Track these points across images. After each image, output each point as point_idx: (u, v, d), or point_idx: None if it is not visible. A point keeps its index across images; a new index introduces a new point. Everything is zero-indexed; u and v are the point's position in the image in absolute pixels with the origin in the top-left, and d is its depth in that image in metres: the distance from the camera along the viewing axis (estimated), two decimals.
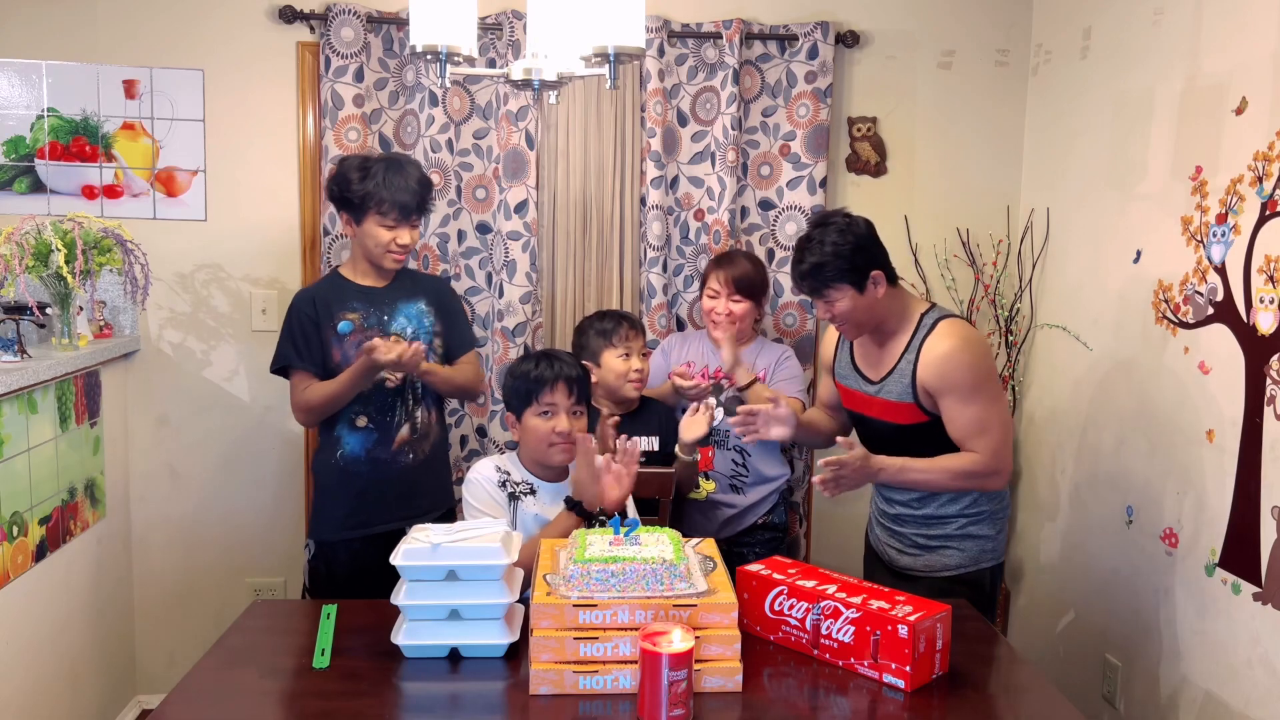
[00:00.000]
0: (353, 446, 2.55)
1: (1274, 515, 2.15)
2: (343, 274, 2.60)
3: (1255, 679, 2.20)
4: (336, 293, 2.55)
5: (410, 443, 2.59)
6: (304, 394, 2.51)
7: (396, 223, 2.49)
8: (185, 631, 3.14)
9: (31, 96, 3.01)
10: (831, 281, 2.19)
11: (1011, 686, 1.91)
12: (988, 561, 2.31)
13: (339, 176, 2.51)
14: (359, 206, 2.47)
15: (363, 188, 2.45)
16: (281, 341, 2.55)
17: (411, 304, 2.59)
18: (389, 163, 2.50)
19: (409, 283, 2.63)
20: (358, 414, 2.53)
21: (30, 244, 2.55)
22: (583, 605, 1.72)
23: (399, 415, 2.57)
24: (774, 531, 2.86)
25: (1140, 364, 2.63)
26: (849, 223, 2.22)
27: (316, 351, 2.52)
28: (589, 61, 2.04)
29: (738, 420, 2.36)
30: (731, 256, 2.85)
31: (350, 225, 2.53)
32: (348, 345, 2.51)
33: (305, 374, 2.52)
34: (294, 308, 2.55)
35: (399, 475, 2.57)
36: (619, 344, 2.64)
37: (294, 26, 3.03)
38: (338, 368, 2.51)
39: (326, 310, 2.52)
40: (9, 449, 2.42)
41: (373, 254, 2.53)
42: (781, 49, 3.14)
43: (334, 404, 2.50)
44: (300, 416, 2.59)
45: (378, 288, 2.58)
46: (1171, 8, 2.53)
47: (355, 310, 2.54)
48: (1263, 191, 2.18)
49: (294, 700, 1.74)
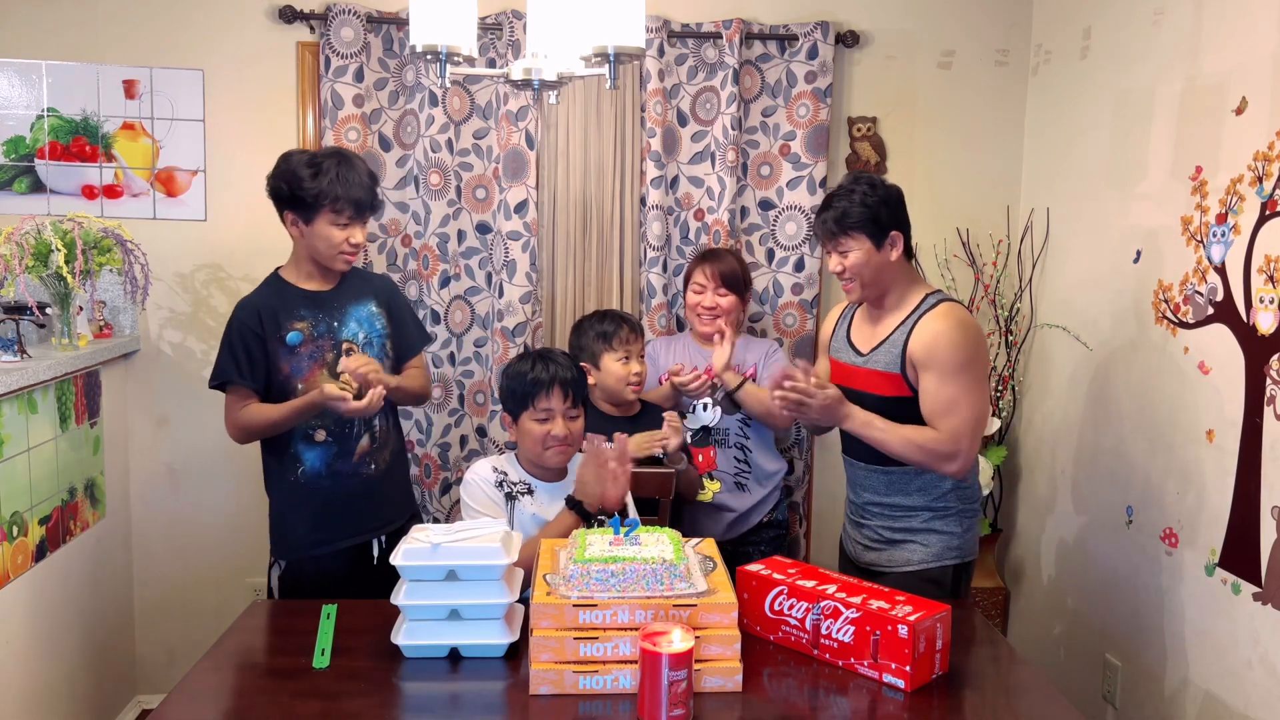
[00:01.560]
0: (312, 462, 2.41)
1: (1274, 515, 2.15)
2: (285, 278, 2.44)
3: (1255, 679, 2.20)
4: (281, 300, 2.39)
5: (370, 453, 2.46)
6: (241, 413, 2.36)
7: (350, 221, 2.36)
8: (185, 631, 3.14)
9: (31, 96, 3.01)
10: (851, 229, 2.23)
11: (1011, 686, 1.91)
12: (951, 559, 2.28)
13: (287, 174, 2.34)
14: (311, 205, 2.33)
15: (316, 185, 2.31)
16: (221, 355, 2.38)
17: (361, 306, 2.46)
18: (340, 158, 2.37)
19: (356, 283, 2.50)
20: (314, 428, 2.40)
21: (30, 244, 2.55)
22: (583, 605, 1.72)
23: (358, 426, 2.44)
24: (778, 529, 2.87)
25: (1140, 364, 2.63)
26: (882, 182, 2.28)
27: (260, 366, 2.36)
28: (589, 61, 2.04)
29: (780, 396, 2.21)
30: (716, 252, 2.88)
31: (297, 225, 2.37)
32: (299, 356, 2.37)
33: (244, 390, 2.35)
34: (236, 319, 2.38)
35: (362, 487, 2.45)
36: (618, 347, 2.63)
37: (294, 26, 3.04)
38: (286, 380, 2.36)
39: (273, 321, 2.36)
40: (9, 449, 2.43)
41: (323, 255, 2.39)
42: (781, 49, 3.14)
43: (273, 430, 2.37)
44: (234, 434, 2.41)
45: (324, 291, 2.43)
46: (1171, 8, 2.53)
47: (303, 319, 2.39)
48: (1263, 191, 2.18)
49: (294, 700, 1.74)
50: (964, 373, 2.18)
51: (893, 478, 2.29)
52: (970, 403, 2.18)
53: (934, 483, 2.27)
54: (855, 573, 2.26)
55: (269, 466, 2.48)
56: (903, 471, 2.27)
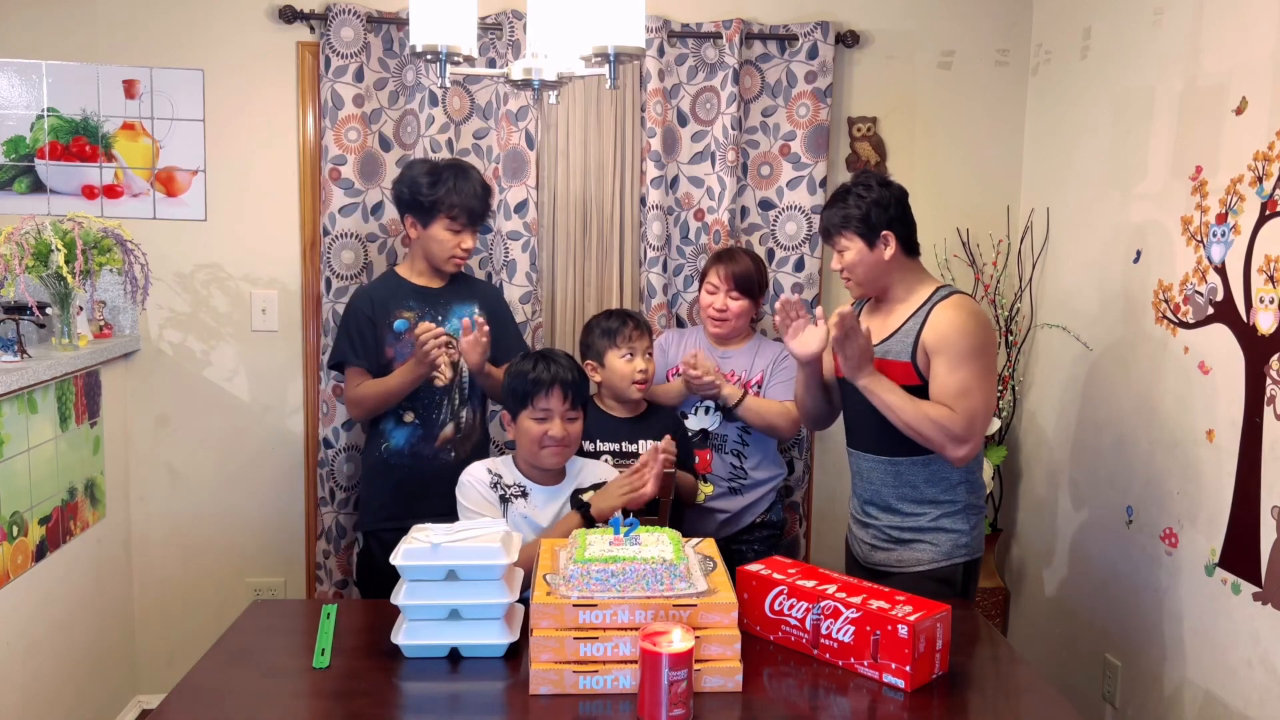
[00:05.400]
0: (397, 440, 2.64)
1: (1274, 515, 2.15)
2: (399, 273, 2.70)
3: (1255, 679, 2.20)
4: (393, 291, 2.65)
5: (453, 441, 2.66)
6: (357, 390, 2.61)
7: (463, 228, 2.59)
8: (185, 631, 3.14)
9: (31, 96, 3.01)
10: (842, 229, 2.28)
11: (1011, 686, 1.91)
12: (961, 557, 2.29)
13: (409, 180, 2.59)
14: (429, 210, 2.57)
15: (434, 193, 2.55)
16: (338, 338, 2.68)
17: (465, 306, 2.67)
18: (457, 169, 2.60)
19: (464, 286, 2.73)
20: (405, 409, 2.62)
21: (30, 244, 2.55)
22: (583, 605, 1.72)
23: (444, 413, 2.65)
24: (771, 530, 2.86)
25: (1140, 364, 2.63)
26: (881, 183, 2.30)
27: (371, 349, 2.61)
28: (589, 61, 2.04)
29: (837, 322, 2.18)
30: (733, 253, 2.83)
31: (415, 227, 2.61)
32: (403, 343, 2.59)
33: (359, 370, 2.61)
34: (352, 305, 2.67)
35: (438, 472, 2.57)
36: (623, 345, 2.63)
37: (294, 26, 3.03)
38: (390, 364, 2.60)
39: (383, 308, 2.62)
40: (9, 449, 2.42)
41: (436, 257, 2.62)
42: (781, 49, 3.14)
43: (387, 400, 2.58)
44: (353, 411, 2.70)
45: (433, 288, 2.67)
46: (1171, 8, 2.53)
47: (411, 309, 2.63)
48: (1263, 191, 2.18)
49: (294, 700, 1.74)
50: (976, 359, 2.19)
51: (900, 469, 2.28)
52: (980, 389, 2.19)
53: (943, 473, 2.27)
54: (863, 573, 2.26)
55: (367, 440, 2.75)
56: (910, 462, 2.27)
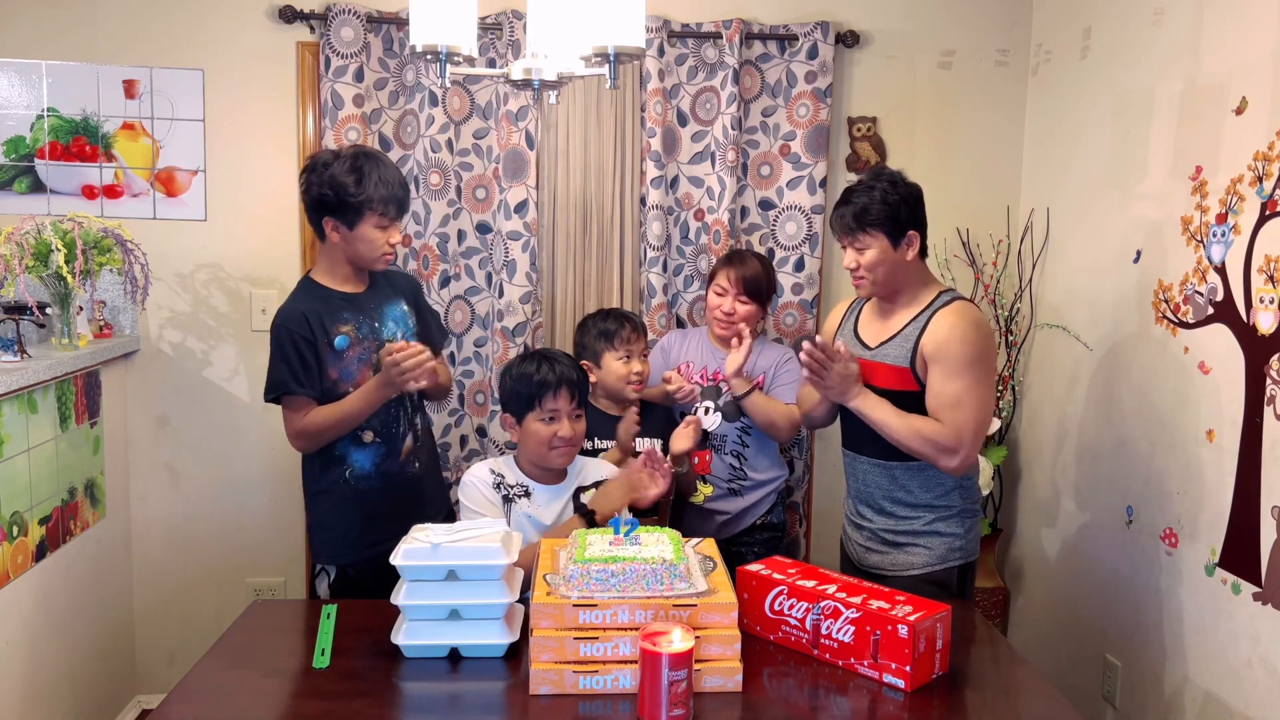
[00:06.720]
0: (362, 464, 2.40)
1: (1274, 515, 2.15)
2: (321, 282, 2.41)
3: (1255, 679, 2.20)
4: (325, 305, 2.37)
5: (414, 451, 2.49)
6: (306, 420, 2.32)
7: (391, 222, 2.36)
8: (185, 631, 3.14)
9: (31, 96, 3.01)
10: (869, 227, 2.22)
11: (1011, 686, 1.91)
12: (956, 560, 2.29)
13: (330, 182, 2.30)
14: (356, 210, 2.31)
15: (361, 191, 2.29)
16: (274, 366, 2.33)
17: (394, 305, 2.48)
18: (372, 159, 2.34)
19: (385, 284, 2.50)
20: (363, 429, 2.38)
21: (30, 244, 2.55)
22: (583, 605, 1.72)
23: (403, 425, 2.45)
24: (772, 531, 2.85)
25: (1140, 364, 2.63)
26: (903, 179, 2.27)
27: (314, 373, 2.33)
28: (589, 61, 2.04)
29: (806, 359, 2.22)
30: (743, 256, 2.79)
31: (338, 230, 2.34)
32: (347, 360, 2.36)
33: (305, 399, 2.32)
34: (283, 329, 2.32)
35: (408, 485, 2.47)
36: (620, 346, 2.63)
37: (294, 26, 3.03)
38: (334, 385, 2.35)
39: (320, 326, 2.33)
40: (9, 449, 2.42)
41: (365, 258, 2.38)
42: (781, 49, 3.14)
43: (346, 426, 2.34)
44: (301, 444, 2.38)
45: (360, 294, 2.43)
46: (1171, 8, 2.53)
47: (347, 322, 2.37)
48: (1263, 191, 2.18)
49: (294, 700, 1.74)
50: (971, 369, 2.18)
51: (895, 473, 2.28)
52: (975, 400, 2.18)
53: (937, 479, 2.26)
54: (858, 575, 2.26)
55: (309, 472, 2.45)
56: (905, 467, 2.26)
